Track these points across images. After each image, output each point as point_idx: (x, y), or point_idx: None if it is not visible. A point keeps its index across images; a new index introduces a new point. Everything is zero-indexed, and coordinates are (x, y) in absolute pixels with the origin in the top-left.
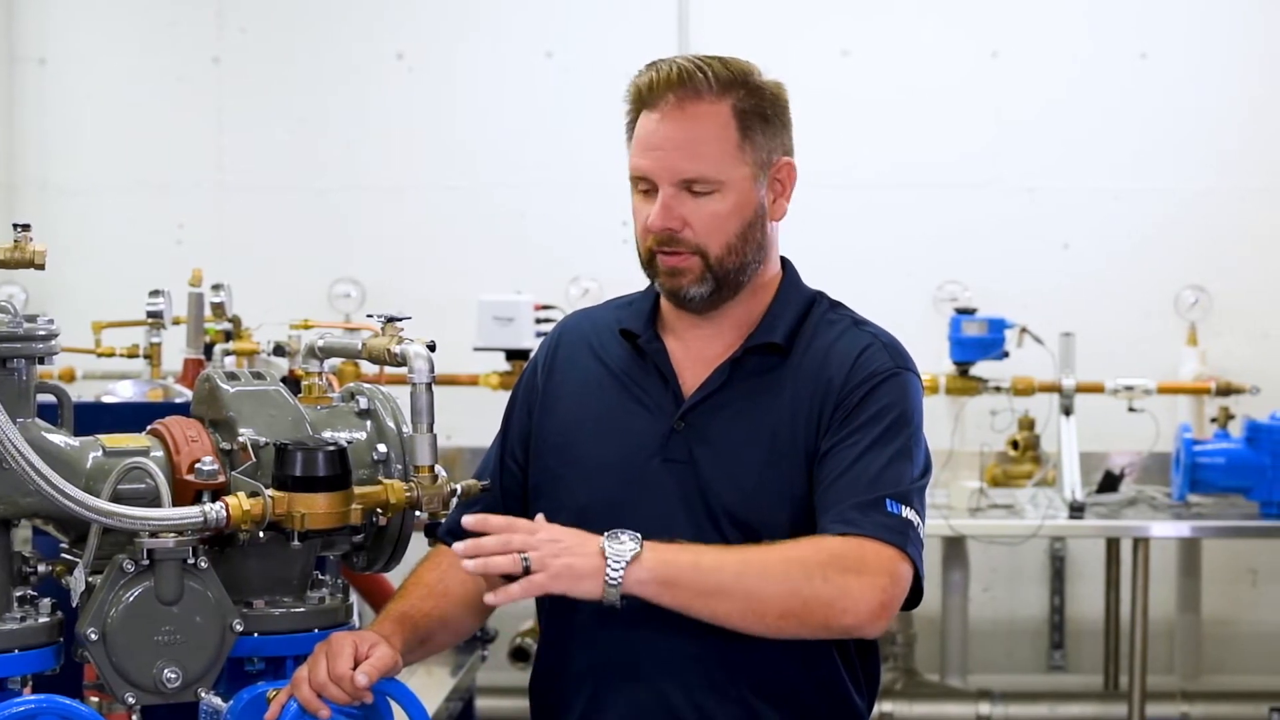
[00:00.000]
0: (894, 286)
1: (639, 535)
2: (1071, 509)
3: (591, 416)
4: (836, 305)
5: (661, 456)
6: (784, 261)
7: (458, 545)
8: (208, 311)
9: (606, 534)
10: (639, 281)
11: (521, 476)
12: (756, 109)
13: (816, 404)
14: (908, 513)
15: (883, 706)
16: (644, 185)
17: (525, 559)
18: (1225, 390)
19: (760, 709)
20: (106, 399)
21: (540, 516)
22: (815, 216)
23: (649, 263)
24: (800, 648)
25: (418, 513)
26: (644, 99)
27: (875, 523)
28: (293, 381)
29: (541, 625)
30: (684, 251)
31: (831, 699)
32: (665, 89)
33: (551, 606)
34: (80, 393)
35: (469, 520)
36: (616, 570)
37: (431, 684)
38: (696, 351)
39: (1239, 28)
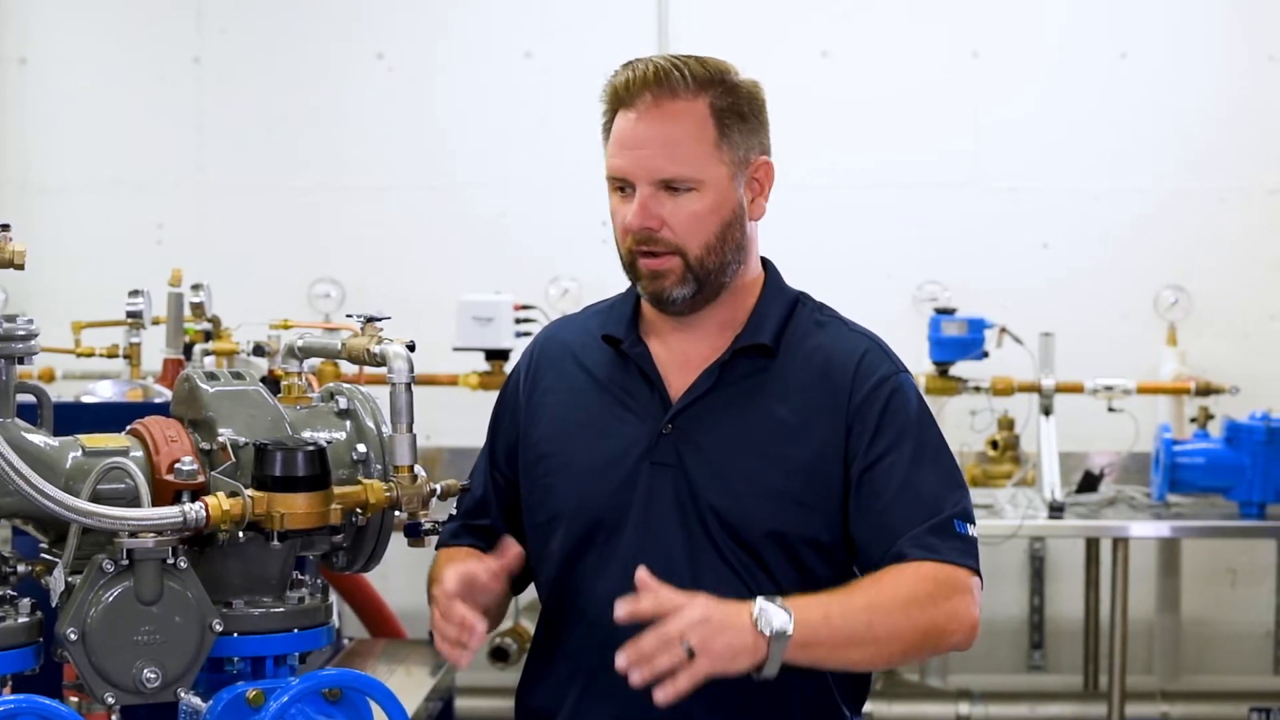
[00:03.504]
0: (873, 286)
1: (785, 606)
2: (1051, 509)
3: (577, 424)
4: (822, 306)
5: (650, 460)
6: (766, 262)
7: (619, 660)
8: (187, 311)
9: (756, 605)
10: (619, 282)
11: (511, 490)
12: (734, 107)
13: (823, 411)
14: (972, 530)
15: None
16: (622, 186)
17: (687, 645)
18: (1205, 390)
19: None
20: (86, 399)
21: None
22: (796, 217)
23: (630, 265)
24: None
25: (397, 512)
26: (620, 98)
27: (953, 548)
28: (272, 381)
29: (536, 628)
30: (663, 252)
31: (819, 709)
32: (642, 88)
33: (545, 609)
34: (60, 393)
35: (621, 615)
36: (779, 650)
37: (411, 684)
38: (681, 354)
39: (1218, 28)
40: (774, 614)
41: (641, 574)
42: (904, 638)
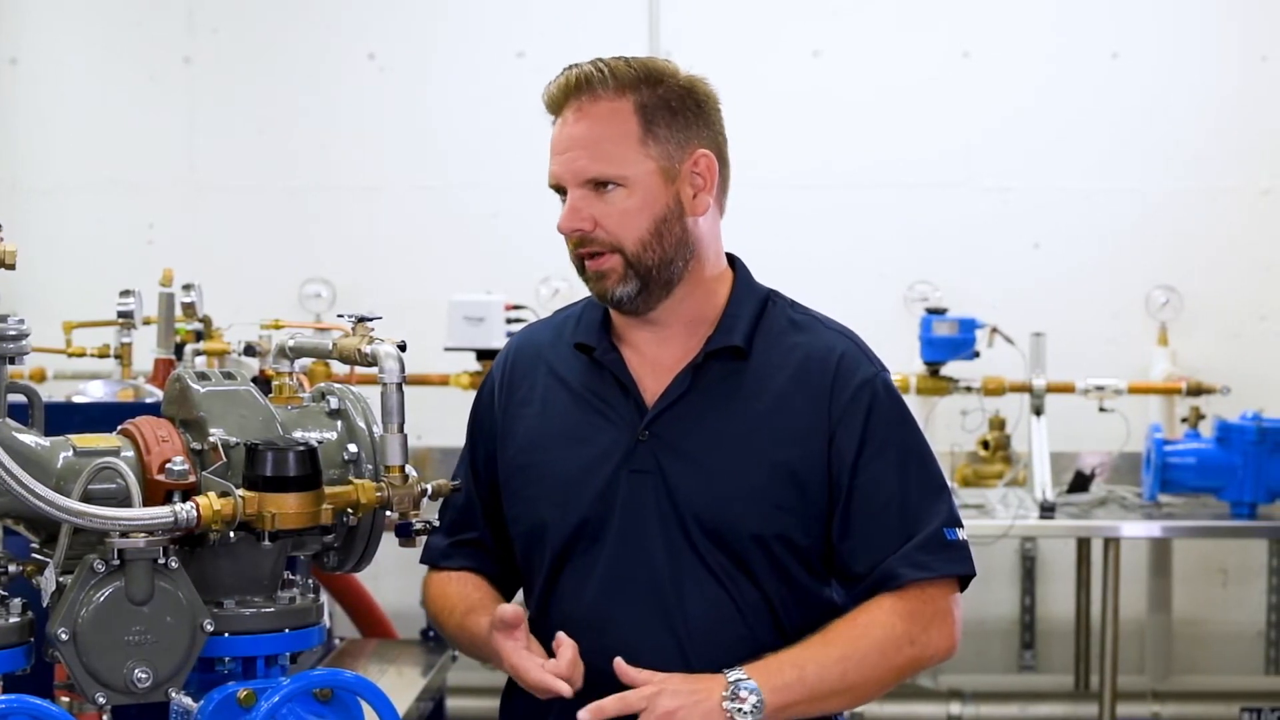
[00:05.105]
0: (865, 286)
1: (752, 684)
2: (1042, 509)
3: (554, 434)
4: (794, 303)
5: (628, 468)
6: (734, 260)
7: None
8: (179, 311)
9: (725, 691)
10: None
11: (495, 499)
12: (662, 102)
13: (802, 412)
14: (962, 534)
15: None
16: (561, 192)
17: None
18: (1196, 390)
19: None
20: (77, 399)
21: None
22: (787, 216)
23: (580, 270)
24: None
25: (388, 512)
26: (551, 108)
27: (945, 559)
28: (263, 381)
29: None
30: (603, 251)
31: None
32: (566, 95)
33: (533, 617)
34: (51, 393)
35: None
36: None
37: (402, 684)
38: (654, 358)
39: (1210, 28)
40: (745, 695)
41: (618, 663)
42: (881, 680)
